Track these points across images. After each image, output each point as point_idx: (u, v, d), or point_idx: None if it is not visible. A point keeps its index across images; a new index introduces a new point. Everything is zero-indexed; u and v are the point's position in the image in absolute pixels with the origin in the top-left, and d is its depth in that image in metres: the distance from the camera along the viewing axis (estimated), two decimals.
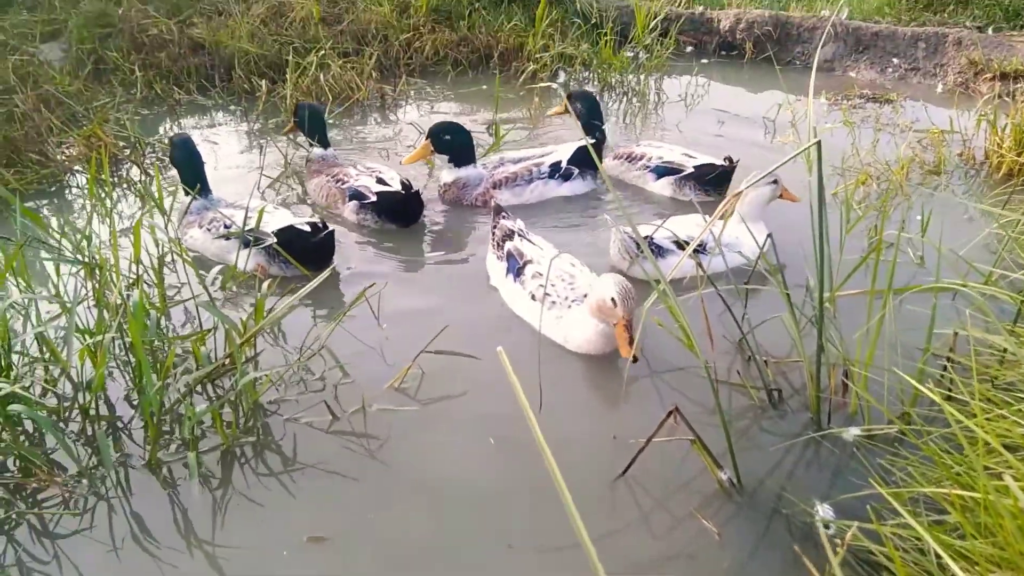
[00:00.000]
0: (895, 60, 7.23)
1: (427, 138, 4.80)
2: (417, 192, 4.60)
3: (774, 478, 2.82)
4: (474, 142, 4.92)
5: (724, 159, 4.82)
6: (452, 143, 4.78)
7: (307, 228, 3.95)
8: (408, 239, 4.58)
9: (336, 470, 2.87)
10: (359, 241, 4.55)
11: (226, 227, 4.14)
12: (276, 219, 4.05)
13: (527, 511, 2.70)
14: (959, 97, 6.55)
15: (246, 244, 3.94)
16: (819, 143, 2.50)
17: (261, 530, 2.65)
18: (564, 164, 4.89)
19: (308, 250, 3.88)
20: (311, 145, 5.05)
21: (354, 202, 4.66)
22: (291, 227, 3.94)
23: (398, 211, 4.60)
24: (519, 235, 3.94)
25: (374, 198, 4.58)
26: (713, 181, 4.82)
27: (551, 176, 4.88)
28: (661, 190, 4.99)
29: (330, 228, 4.02)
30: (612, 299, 3.17)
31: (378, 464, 2.90)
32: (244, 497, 2.78)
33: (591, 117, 5.29)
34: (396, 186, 4.58)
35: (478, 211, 4.81)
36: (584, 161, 4.92)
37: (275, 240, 3.89)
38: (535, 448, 2.93)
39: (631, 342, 3.12)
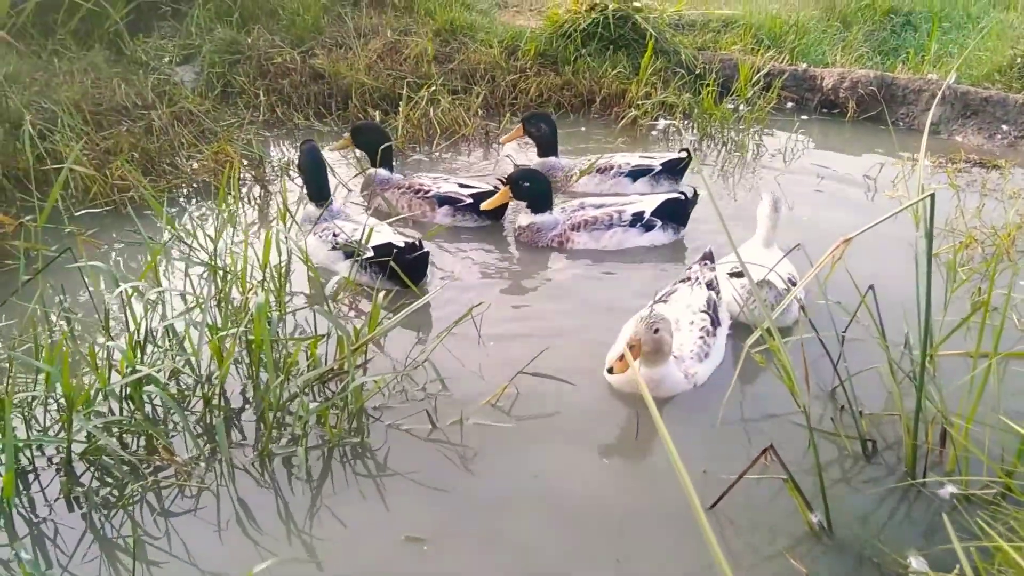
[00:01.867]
0: (1004, 127, 7.09)
1: (506, 184, 4.90)
2: (504, 180, 4.97)
3: (866, 526, 2.81)
4: (552, 190, 5.05)
5: (680, 151, 5.73)
6: (531, 191, 4.89)
7: (402, 245, 4.20)
8: (507, 265, 4.76)
9: (432, 476, 3.00)
10: (470, 261, 4.79)
11: (334, 236, 4.42)
12: (379, 235, 4.30)
13: (615, 530, 2.77)
14: None
15: (348, 256, 4.22)
16: (932, 195, 2.53)
17: (359, 526, 2.80)
18: (647, 215, 4.91)
19: (403, 266, 4.11)
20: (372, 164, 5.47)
21: (446, 207, 5.11)
22: (388, 244, 4.18)
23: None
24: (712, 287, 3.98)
25: (469, 200, 5.04)
26: (680, 171, 5.70)
27: (632, 225, 4.89)
28: (641, 189, 5.62)
29: (425, 249, 4.26)
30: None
31: (472, 475, 3.02)
32: (344, 494, 2.94)
33: (551, 136, 5.71)
34: (482, 187, 5.11)
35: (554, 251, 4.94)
36: (669, 214, 4.95)
37: (372, 255, 4.15)
38: (627, 471, 3.02)
39: (621, 358, 3.24)
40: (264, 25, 7.64)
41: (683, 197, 4.97)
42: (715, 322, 3.74)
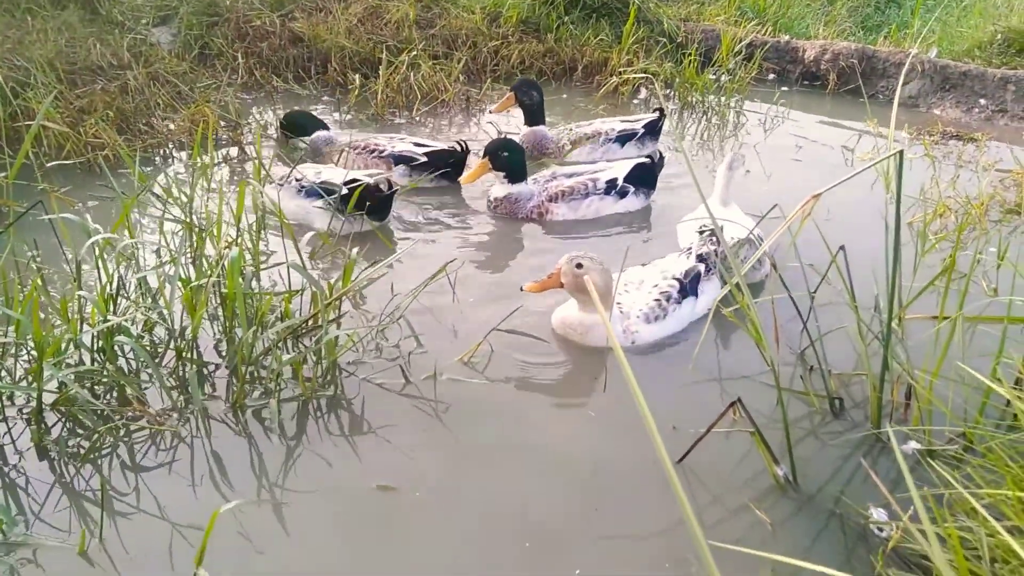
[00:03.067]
0: (982, 101, 7.15)
1: (485, 156, 4.84)
2: (465, 144, 5.05)
3: (831, 480, 2.86)
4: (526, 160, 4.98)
5: (654, 110, 5.97)
6: (510, 161, 4.83)
7: (371, 182, 4.30)
8: (476, 225, 4.80)
9: (405, 429, 3.02)
10: (438, 222, 4.79)
11: (297, 180, 4.51)
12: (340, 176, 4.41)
13: (588, 482, 2.81)
14: None
15: (318, 196, 4.35)
16: (901, 152, 2.56)
17: (331, 476, 2.82)
18: (620, 182, 4.91)
19: (374, 202, 4.30)
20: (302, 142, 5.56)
21: (402, 166, 5.19)
22: (355, 180, 4.29)
23: (452, 165, 5.10)
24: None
25: (424, 159, 5.12)
26: (658, 132, 5.86)
27: (607, 192, 4.89)
28: (629, 153, 5.73)
29: (396, 188, 4.46)
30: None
31: (444, 428, 3.04)
32: (317, 446, 2.95)
33: (540, 104, 5.70)
34: (437, 145, 5.21)
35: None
36: (639, 180, 4.96)
37: (345, 191, 4.24)
38: (599, 425, 3.06)
39: (538, 282, 3.52)
40: None
41: (650, 161, 4.99)
42: (685, 291, 3.72)
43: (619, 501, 2.74)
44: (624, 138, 5.75)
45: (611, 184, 4.89)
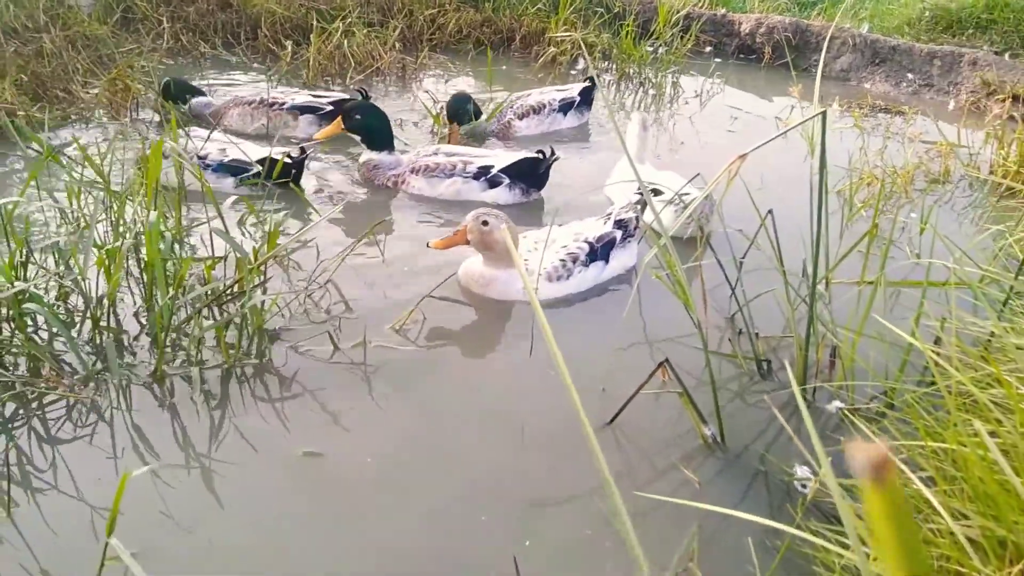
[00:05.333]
0: (910, 75, 7.32)
1: (339, 115, 4.70)
2: (365, 92, 4.93)
3: (757, 440, 2.91)
4: (391, 129, 4.76)
5: (585, 79, 5.98)
6: (361, 125, 4.64)
7: (281, 157, 4.27)
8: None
9: (333, 397, 2.96)
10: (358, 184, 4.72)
11: (200, 158, 4.38)
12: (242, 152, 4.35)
13: (518, 446, 2.80)
14: (969, 115, 6.64)
15: (233, 173, 4.34)
16: (824, 112, 2.59)
17: (258, 446, 2.74)
18: (495, 171, 4.56)
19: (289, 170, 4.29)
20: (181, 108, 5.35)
21: (309, 115, 5.19)
22: (267, 157, 4.28)
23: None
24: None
25: (330, 108, 5.14)
26: (590, 101, 5.89)
27: (475, 178, 4.56)
28: (571, 123, 5.83)
29: (307, 153, 4.46)
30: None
31: (374, 394, 2.99)
32: (243, 416, 2.87)
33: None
34: (338, 95, 5.31)
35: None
36: (520, 174, 4.59)
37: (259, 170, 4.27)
38: (529, 389, 3.04)
39: (443, 239, 3.62)
40: None
41: (542, 157, 4.58)
42: (595, 255, 3.73)
43: (552, 463, 2.73)
44: (565, 107, 5.73)
45: (483, 171, 4.56)
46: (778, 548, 2.34)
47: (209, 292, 3.13)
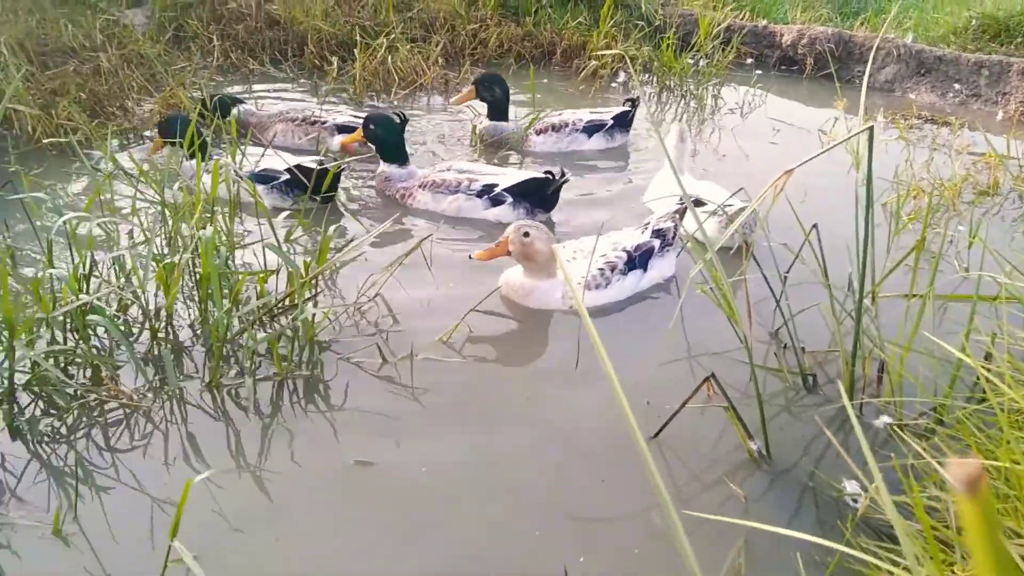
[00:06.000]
0: (956, 85, 7.22)
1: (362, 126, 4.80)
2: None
3: (804, 455, 2.90)
4: (403, 142, 4.79)
5: (625, 102, 5.85)
6: (375, 136, 4.70)
7: (313, 166, 4.38)
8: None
9: (383, 408, 3.02)
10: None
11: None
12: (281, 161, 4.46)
13: (564, 460, 2.83)
14: (1019, 126, 6.53)
15: (262, 181, 4.41)
16: (871, 127, 2.58)
17: (311, 455, 2.81)
18: (499, 189, 4.53)
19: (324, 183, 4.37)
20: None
21: (345, 135, 5.24)
22: (299, 165, 4.39)
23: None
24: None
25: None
26: (629, 123, 5.81)
27: (478, 195, 4.55)
28: (597, 145, 5.72)
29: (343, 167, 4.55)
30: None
31: (421, 406, 3.05)
32: (295, 425, 2.94)
33: (503, 100, 5.59)
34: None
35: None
36: (527, 194, 4.55)
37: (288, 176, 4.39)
38: (574, 402, 3.07)
39: (485, 251, 3.68)
40: None
41: (550, 178, 4.51)
42: (633, 264, 3.78)
43: (601, 475, 2.76)
44: (591, 129, 5.67)
45: (487, 189, 4.54)
46: (827, 564, 2.33)
47: (262, 305, 3.22)
